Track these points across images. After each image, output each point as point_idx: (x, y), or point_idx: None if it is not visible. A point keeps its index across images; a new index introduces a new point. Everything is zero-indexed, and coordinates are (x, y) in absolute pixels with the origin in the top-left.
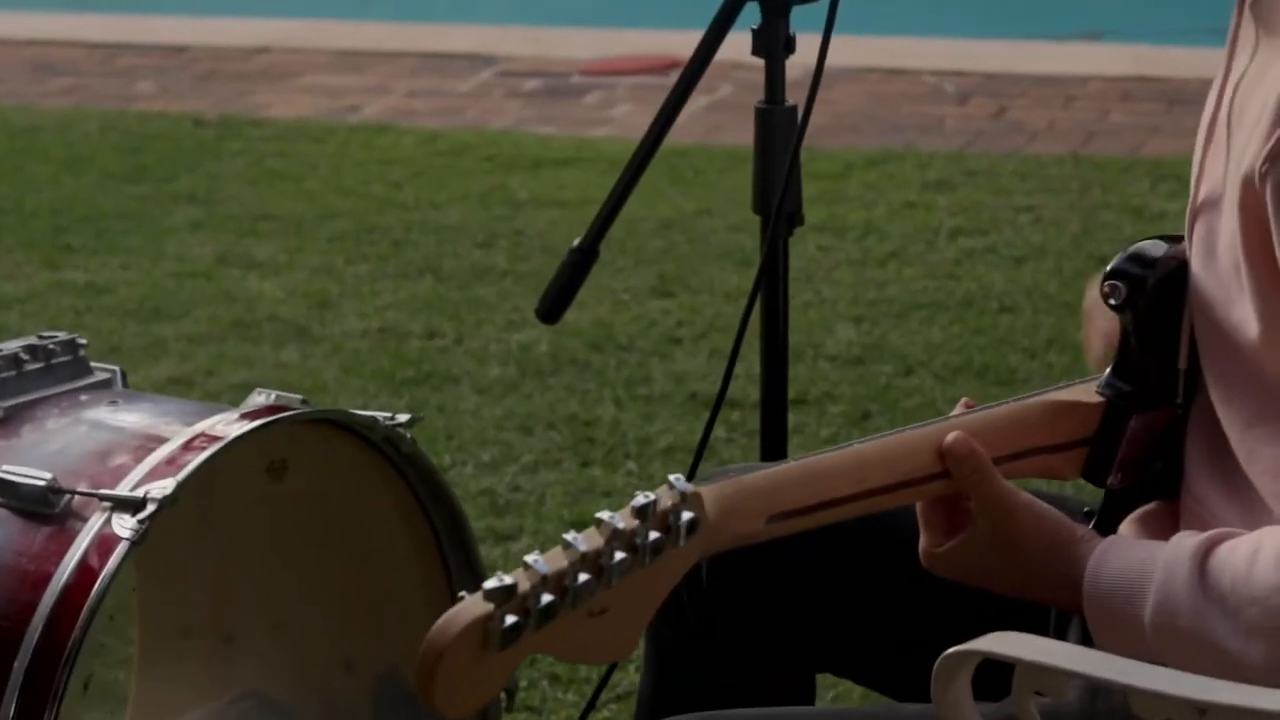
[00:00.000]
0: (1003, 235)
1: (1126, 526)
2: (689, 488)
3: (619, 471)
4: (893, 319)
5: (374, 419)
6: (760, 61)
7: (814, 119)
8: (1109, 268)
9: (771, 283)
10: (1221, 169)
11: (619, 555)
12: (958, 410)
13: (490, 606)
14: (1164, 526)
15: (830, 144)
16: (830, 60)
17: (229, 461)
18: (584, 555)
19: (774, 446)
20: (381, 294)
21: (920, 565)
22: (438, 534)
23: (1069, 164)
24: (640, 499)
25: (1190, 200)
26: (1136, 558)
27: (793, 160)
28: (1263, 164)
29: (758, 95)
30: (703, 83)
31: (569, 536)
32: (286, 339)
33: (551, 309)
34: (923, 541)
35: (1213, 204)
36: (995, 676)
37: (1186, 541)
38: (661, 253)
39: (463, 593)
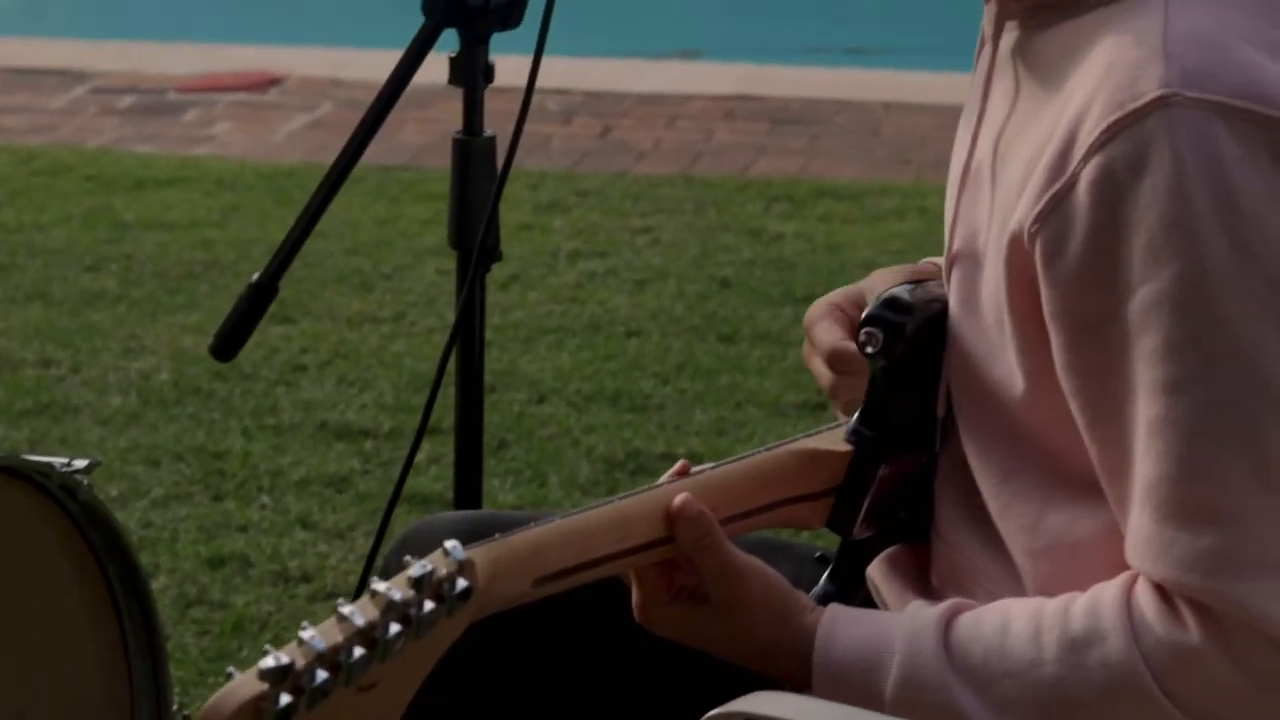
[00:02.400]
0: (622, 257)
1: (875, 568)
2: (464, 555)
3: (253, 505)
4: (521, 344)
5: (50, 465)
6: (358, 77)
7: (416, 138)
8: (865, 314)
9: (468, 318)
10: (984, 220)
11: (394, 628)
12: (669, 475)
13: (264, 686)
14: (914, 570)
15: (436, 163)
16: (428, 78)
17: None
18: (359, 629)
19: (469, 481)
20: None
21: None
22: (111, 584)
23: (680, 184)
24: (417, 569)
25: (946, 246)
26: (869, 630)
27: (497, 193)
28: (1033, 224)
29: (360, 111)
30: (300, 100)
31: (344, 609)
32: None
33: (226, 345)
34: (638, 596)
35: (973, 256)
36: None
37: (926, 612)
38: None
39: (232, 669)
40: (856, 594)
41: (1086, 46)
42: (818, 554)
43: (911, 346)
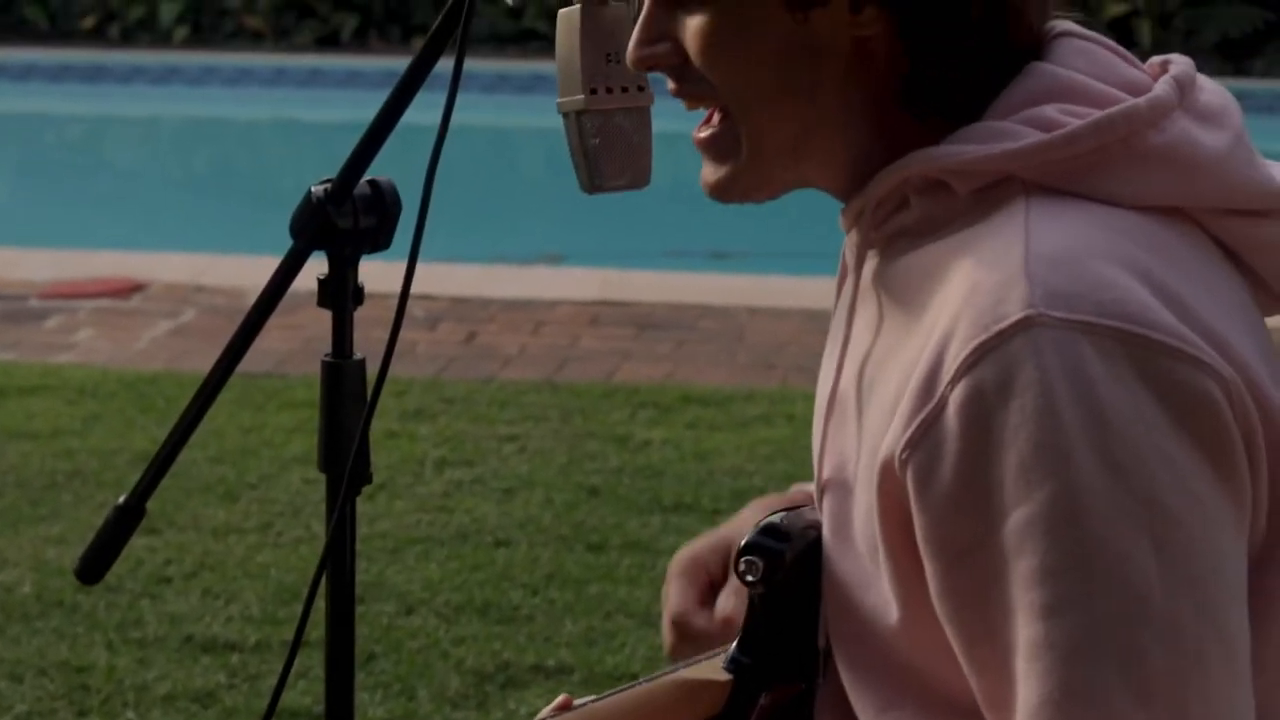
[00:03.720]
0: (489, 465)
1: None
2: None
3: None
4: (388, 555)
5: None
6: (221, 283)
7: (281, 345)
8: (744, 543)
9: (339, 541)
10: (853, 448)
11: None
12: (550, 710)
13: None
14: None
15: (300, 370)
16: (293, 285)
17: None
18: None
19: (340, 696)
20: None
21: None
22: None
23: (546, 391)
24: None
25: (816, 474)
26: None
27: (366, 420)
28: (903, 450)
29: (224, 318)
30: (163, 306)
31: None
32: None
33: (91, 568)
34: None
35: (843, 484)
36: None
37: None
38: None
39: None
40: None
41: (948, 269)
42: None
43: (792, 574)
